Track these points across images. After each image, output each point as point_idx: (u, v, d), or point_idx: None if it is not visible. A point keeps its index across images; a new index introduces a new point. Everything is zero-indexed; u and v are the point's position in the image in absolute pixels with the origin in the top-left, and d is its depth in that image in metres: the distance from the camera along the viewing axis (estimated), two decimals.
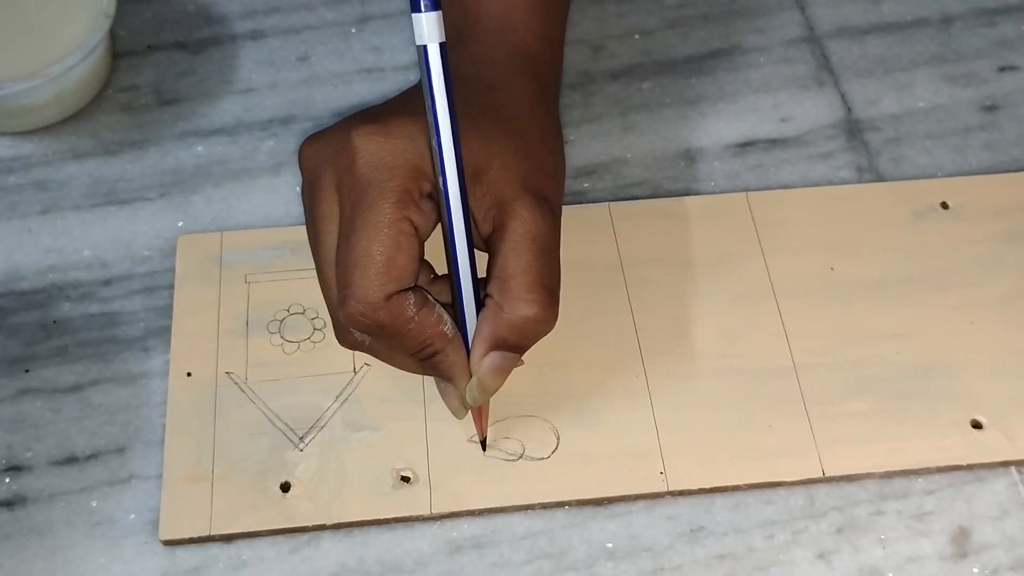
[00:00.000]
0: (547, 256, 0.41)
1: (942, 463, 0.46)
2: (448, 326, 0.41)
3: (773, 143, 0.55)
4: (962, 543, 0.45)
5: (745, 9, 0.60)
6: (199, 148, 0.55)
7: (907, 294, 0.50)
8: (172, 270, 0.50)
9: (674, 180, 0.54)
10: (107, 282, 0.50)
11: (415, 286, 0.40)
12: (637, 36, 0.59)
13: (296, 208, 0.53)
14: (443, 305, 0.41)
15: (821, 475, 0.45)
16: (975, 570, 0.44)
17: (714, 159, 0.55)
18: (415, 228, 0.40)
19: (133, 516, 0.44)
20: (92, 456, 0.46)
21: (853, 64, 0.58)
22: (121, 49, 0.58)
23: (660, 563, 0.44)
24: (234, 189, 0.53)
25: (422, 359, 0.42)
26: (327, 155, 0.41)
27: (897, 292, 0.50)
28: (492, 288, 0.41)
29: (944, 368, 0.48)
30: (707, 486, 0.45)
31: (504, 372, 0.42)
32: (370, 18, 0.59)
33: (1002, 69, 0.59)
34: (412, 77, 0.57)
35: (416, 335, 0.40)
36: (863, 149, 0.55)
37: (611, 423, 0.46)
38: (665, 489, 0.45)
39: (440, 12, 0.39)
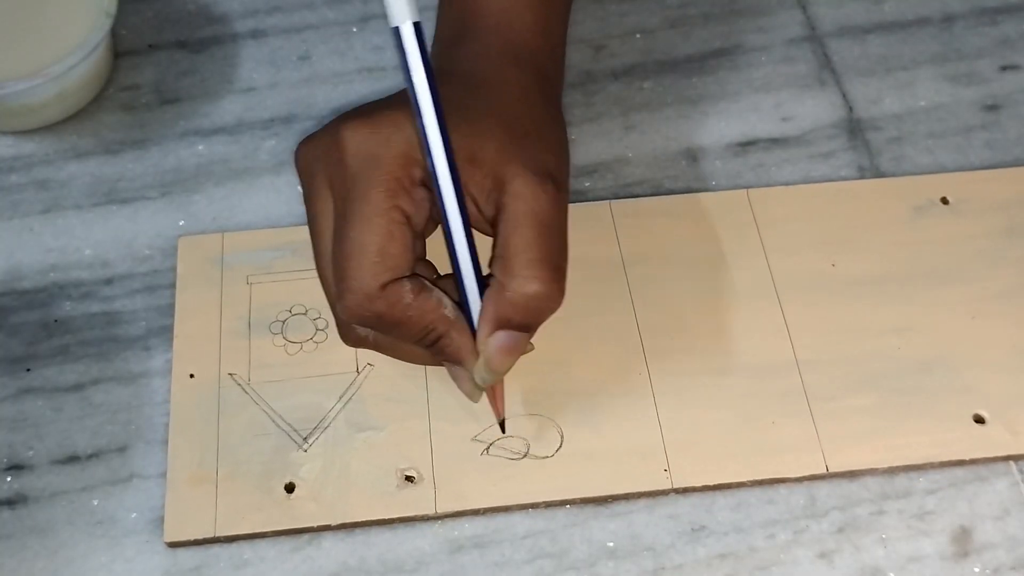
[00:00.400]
0: (550, 232, 0.40)
1: (945, 458, 0.46)
2: (449, 309, 0.41)
3: (774, 142, 0.55)
4: (963, 542, 0.45)
5: (746, 8, 0.60)
6: (200, 147, 0.55)
7: (908, 290, 0.50)
8: (173, 269, 0.50)
9: (675, 179, 0.54)
10: (108, 281, 0.50)
11: (413, 274, 0.40)
12: (638, 35, 0.59)
13: (298, 207, 0.52)
14: (450, 298, 0.41)
15: (825, 471, 0.45)
16: (976, 570, 0.44)
17: (715, 158, 0.55)
18: (406, 216, 0.40)
19: (134, 515, 0.44)
20: (93, 455, 0.46)
21: (854, 63, 0.58)
22: (122, 48, 0.58)
23: (661, 562, 0.44)
24: (235, 188, 0.53)
25: (427, 345, 0.41)
26: (318, 154, 0.42)
27: (898, 288, 0.50)
28: (495, 267, 0.41)
29: (946, 363, 0.48)
30: (711, 483, 0.45)
31: (512, 352, 0.41)
32: (371, 17, 0.59)
33: (1004, 68, 0.58)
34: None
35: (417, 321, 0.40)
36: (864, 148, 0.55)
37: (615, 421, 0.46)
38: (669, 487, 0.45)
39: None
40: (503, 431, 0.45)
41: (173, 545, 0.43)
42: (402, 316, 0.40)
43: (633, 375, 0.47)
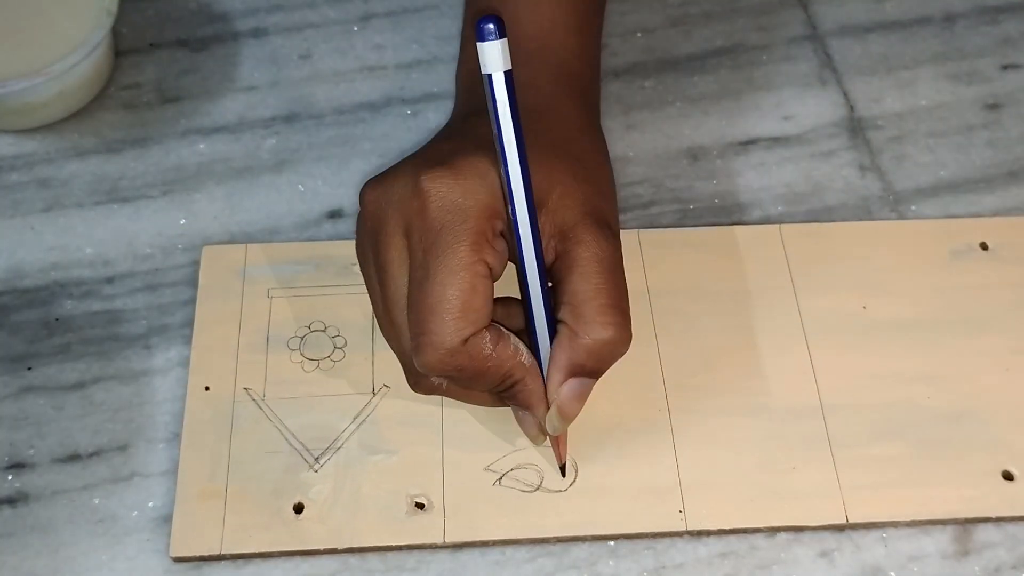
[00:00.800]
0: (615, 278, 0.41)
1: (971, 514, 0.44)
2: (525, 355, 0.41)
3: (775, 141, 0.55)
4: (964, 541, 0.45)
5: (748, 7, 0.60)
6: (201, 146, 0.55)
7: (941, 337, 0.48)
8: (174, 267, 0.50)
9: (676, 178, 0.54)
10: (109, 280, 0.50)
11: (491, 323, 0.40)
12: (639, 34, 0.59)
13: (298, 206, 0.53)
14: (515, 333, 0.41)
15: (845, 521, 0.44)
16: (977, 569, 0.44)
17: (716, 157, 0.55)
18: (489, 269, 0.40)
19: (135, 513, 0.44)
20: (94, 453, 0.46)
21: (856, 62, 0.58)
22: (123, 47, 0.58)
23: (662, 561, 0.44)
24: (236, 187, 0.53)
25: (502, 391, 0.42)
26: (392, 200, 0.41)
27: (931, 334, 0.48)
28: (564, 314, 0.41)
29: (976, 415, 0.46)
30: (727, 527, 0.44)
31: (583, 398, 0.41)
32: (372, 16, 0.59)
33: (1005, 67, 0.58)
34: (415, 75, 0.57)
35: (496, 370, 0.40)
36: (865, 147, 0.55)
37: (631, 458, 0.45)
38: (684, 528, 0.44)
39: (505, 40, 0.38)
40: (563, 475, 0.45)
41: (179, 560, 0.43)
42: (482, 367, 0.40)
43: (653, 411, 0.46)
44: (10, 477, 0.45)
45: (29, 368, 0.48)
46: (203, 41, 0.58)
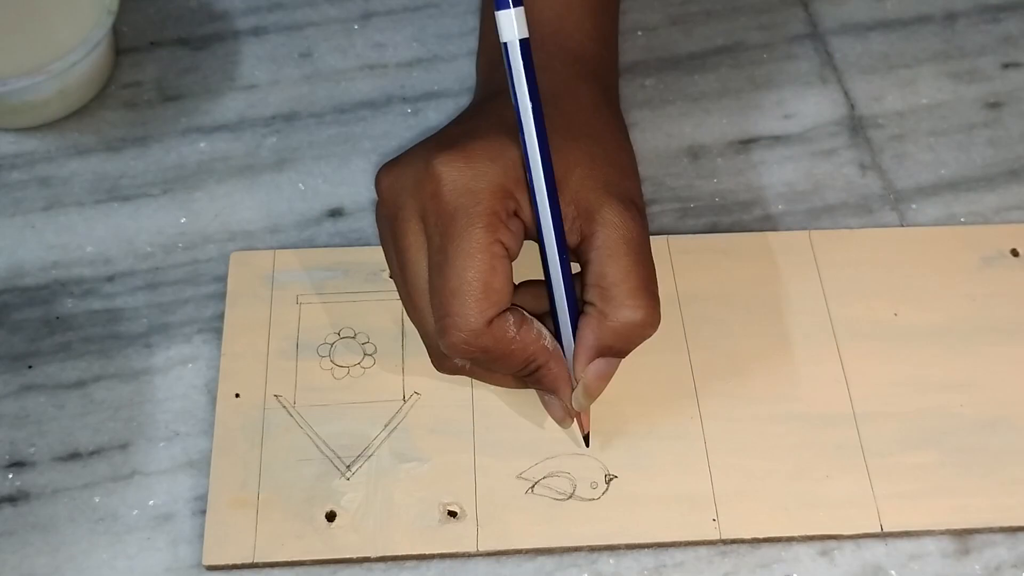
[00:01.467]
0: (643, 258, 0.41)
1: (1006, 523, 0.44)
2: (548, 340, 0.41)
3: (776, 140, 0.55)
4: (965, 540, 0.45)
5: (748, 6, 0.60)
6: (202, 144, 0.55)
7: (974, 344, 0.48)
8: (175, 266, 0.50)
9: (677, 177, 0.54)
10: (110, 278, 0.50)
11: (513, 305, 0.40)
12: (640, 33, 0.59)
13: (298, 205, 0.53)
14: (539, 317, 0.41)
15: (879, 530, 0.44)
16: (977, 567, 0.44)
17: (717, 156, 0.55)
18: (506, 249, 0.40)
19: (136, 512, 0.44)
20: (95, 452, 0.46)
21: (856, 61, 0.58)
22: (124, 45, 0.58)
23: (663, 560, 0.44)
24: (237, 186, 0.53)
25: (525, 375, 0.42)
26: (407, 185, 0.41)
27: (963, 341, 0.48)
28: (592, 296, 0.41)
29: (1010, 423, 0.46)
30: (760, 536, 0.44)
31: (609, 377, 0.42)
32: (373, 14, 0.59)
33: (1006, 66, 0.58)
34: (415, 73, 0.57)
35: (520, 354, 0.41)
36: (866, 146, 0.55)
37: (663, 466, 0.45)
38: (717, 537, 0.44)
39: (522, 8, 0.38)
40: (587, 445, 0.45)
41: (212, 568, 0.43)
42: (506, 350, 0.40)
43: (684, 418, 0.46)
44: (11, 475, 0.45)
45: (30, 367, 0.48)
46: (204, 39, 0.58)
